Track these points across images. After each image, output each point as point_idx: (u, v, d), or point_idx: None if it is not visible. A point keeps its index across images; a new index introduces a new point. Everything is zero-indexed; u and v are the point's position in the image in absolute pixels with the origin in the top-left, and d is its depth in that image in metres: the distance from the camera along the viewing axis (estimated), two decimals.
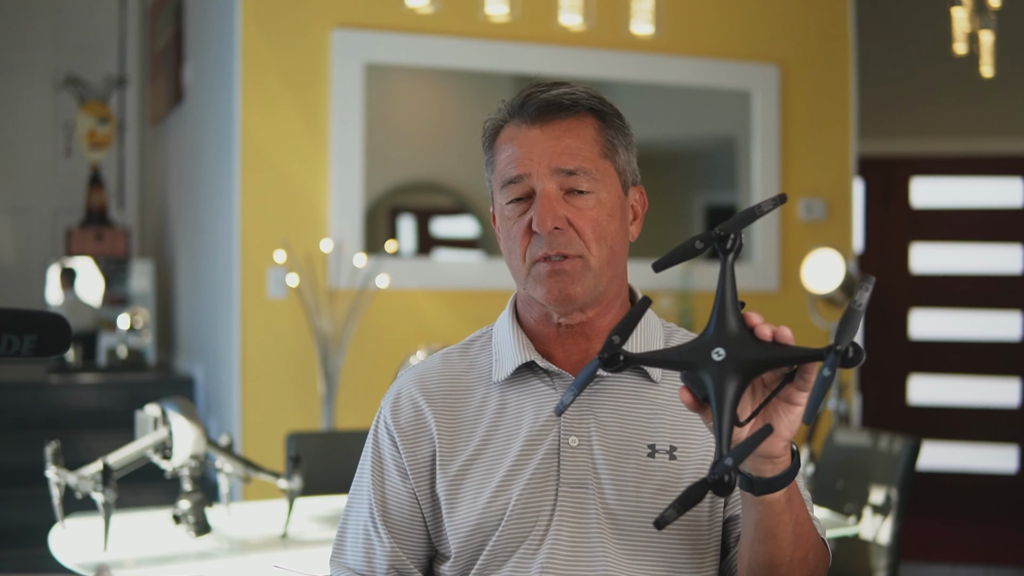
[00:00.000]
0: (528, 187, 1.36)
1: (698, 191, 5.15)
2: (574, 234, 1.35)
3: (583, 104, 1.39)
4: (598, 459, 1.35)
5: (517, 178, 1.37)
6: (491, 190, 1.44)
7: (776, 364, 1.11)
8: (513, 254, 1.38)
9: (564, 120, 1.38)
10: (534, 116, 1.38)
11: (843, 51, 4.99)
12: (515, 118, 1.40)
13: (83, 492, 2.32)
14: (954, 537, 5.68)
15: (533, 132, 1.37)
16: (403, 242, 4.68)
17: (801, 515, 1.25)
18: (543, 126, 1.37)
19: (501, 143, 1.40)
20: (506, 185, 1.38)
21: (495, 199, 1.42)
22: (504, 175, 1.38)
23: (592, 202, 1.36)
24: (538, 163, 1.36)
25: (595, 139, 1.38)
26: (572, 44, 4.47)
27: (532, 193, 1.36)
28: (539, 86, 1.40)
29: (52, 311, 1.26)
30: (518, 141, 1.38)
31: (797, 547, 1.24)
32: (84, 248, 5.74)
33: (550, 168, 1.35)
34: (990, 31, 3.45)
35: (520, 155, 1.37)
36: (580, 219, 1.35)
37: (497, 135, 1.41)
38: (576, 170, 1.36)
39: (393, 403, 1.45)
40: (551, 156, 1.36)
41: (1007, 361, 6.20)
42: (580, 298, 1.36)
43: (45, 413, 4.87)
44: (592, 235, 1.35)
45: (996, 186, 6.27)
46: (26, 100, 6.31)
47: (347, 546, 1.45)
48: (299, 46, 4.21)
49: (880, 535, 3.08)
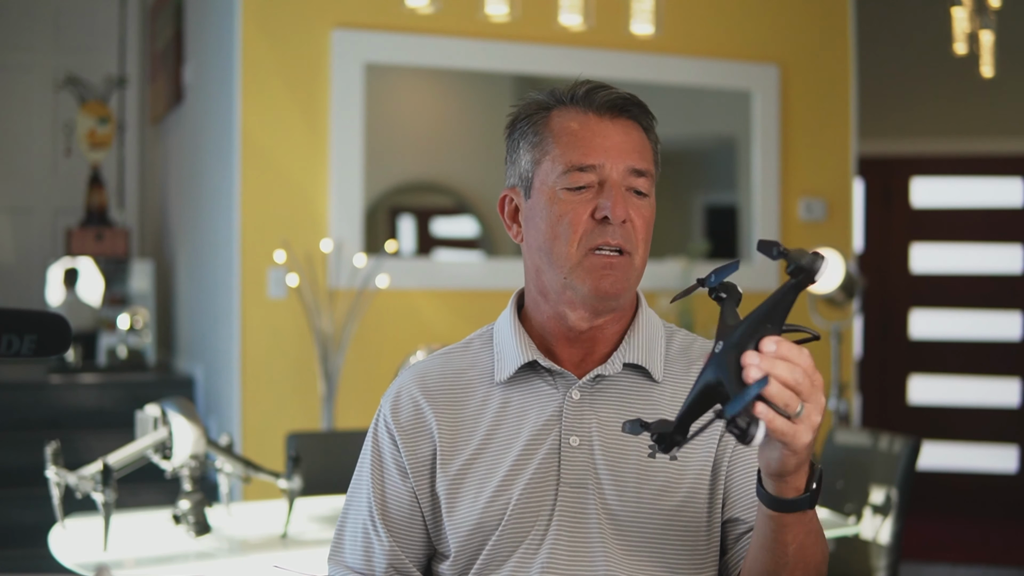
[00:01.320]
0: (597, 176, 1.34)
1: (698, 191, 5.15)
2: (632, 230, 1.34)
3: (642, 110, 1.39)
4: (598, 459, 1.35)
5: (589, 166, 1.34)
6: (525, 172, 1.39)
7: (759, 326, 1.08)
8: (560, 240, 1.34)
9: (629, 120, 1.37)
10: (603, 109, 1.36)
11: (843, 51, 4.99)
12: (578, 105, 1.37)
13: (83, 492, 2.32)
14: (954, 537, 5.68)
15: (604, 124, 1.36)
16: (403, 242, 4.68)
17: (813, 525, 1.22)
18: (613, 120, 1.36)
19: (561, 126, 1.36)
20: (573, 169, 1.34)
21: (540, 181, 1.37)
22: (572, 159, 1.34)
23: (647, 205, 1.37)
24: (614, 155, 1.34)
25: (650, 146, 1.39)
26: (572, 44, 4.47)
27: (595, 183, 1.34)
28: (592, 82, 1.39)
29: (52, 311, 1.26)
30: (589, 129, 1.35)
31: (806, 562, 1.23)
32: (84, 248, 5.74)
33: (624, 164, 1.34)
34: (990, 31, 3.44)
35: (594, 143, 1.35)
36: (638, 218, 1.35)
37: (547, 118, 1.38)
38: (645, 171, 1.36)
39: (393, 401, 1.44)
40: (625, 152, 1.35)
41: (1007, 361, 6.20)
42: (622, 295, 1.35)
43: (45, 413, 4.87)
44: (643, 236, 1.36)
45: (996, 186, 6.27)
46: (26, 100, 6.31)
47: (346, 545, 1.44)
48: (299, 46, 4.21)
49: (880, 535, 3.08)
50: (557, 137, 1.36)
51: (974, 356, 6.25)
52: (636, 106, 1.38)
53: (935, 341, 6.31)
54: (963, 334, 6.29)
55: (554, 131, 1.37)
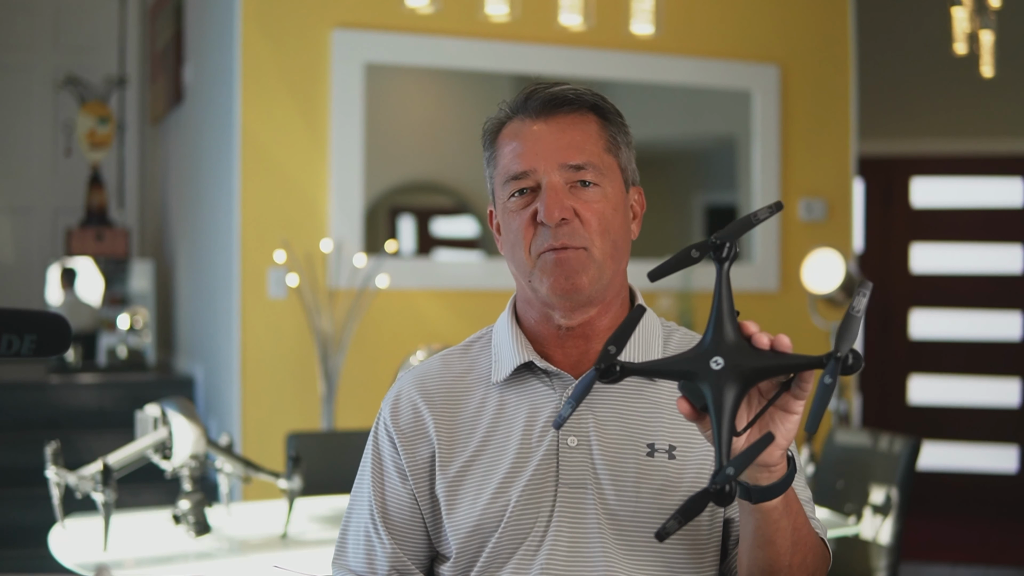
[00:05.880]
0: (533, 181, 1.36)
1: (698, 191, 5.15)
2: (579, 225, 1.34)
3: (586, 100, 1.39)
4: (597, 459, 1.35)
5: (522, 173, 1.36)
6: (491, 188, 1.43)
7: (775, 372, 1.09)
8: (516, 248, 1.37)
9: (568, 115, 1.38)
10: (538, 111, 1.38)
11: (843, 51, 4.99)
12: (518, 114, 1.39)
13: (83, 492, 2.32)
14: (954, 537, 5.68)
15: (538, 127, 1.37)
16: (403, 242, 4.68)
17: (799, 519, 1.24)
18: (547, 120, 1.37)
19: (504, 139, 1.40)
20: (510, 180, 1.37)
21: (496, 196, 1.41)
22: (509, 170, 1.37)
23: (598, 195, 1.36)
24: (544, 157, 1.35)
25: (599, 134, 1.38)
26: (572, 44, 4.47)
27: (537, 187, 1.36)
28: (540, 84, 1.40)
29: (52, 311, 1.26)
30: (522, 136, 1.37)
31: (795, 551, 1.24)
32: (84, 248, 5.74)
33: (557, 162, 1.35)
34: (990, 31, 3.44)
35: (524, 149, 1.36)
36: (586, 211, 1.35)
37: (499, 132, 1.41)
38: (583, 164, 1.36)
39: (393, 405, 1.45)
40: (557, 150, 1.35)
41: (1007, 361, 6.20)
42: (586, 289, 1.35)
43: (45, 413, 4.87)
44: (597, 227, 1.35)
45: (996, 186, 6.27)
46: (26, 100, 6.31)
47: (348, 548, 1.45)
48: (299, 46, 4.21)
49: (880, 535, 3.08)
50: (500, 151, 1.40)
51: (974, 356, 6.25)
52: (573, 99, 1.38)
53: (935, 341, 6.31)
54: (963, 334, 6.29)
55: (499, 145, 1.40)
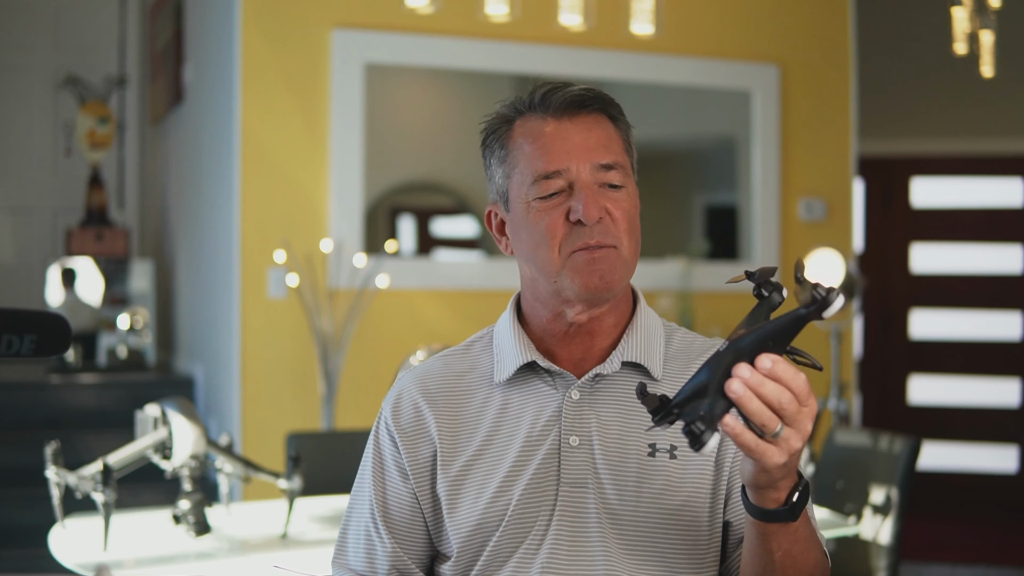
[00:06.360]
0: (565, 180, 1.34)
1: (698, 191, 5.15)
2: (611, 224, 1.34)
3: (604, 101, 1.39)
4: (598, 458, 1.35)
5: (554, 172, 1.34)
6: (502, 188, 1.40)
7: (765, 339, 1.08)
8: (541, 247, 1.35)
9: (589, 115, 1.37)
10: (560, 110, 1.36)
11: (843, 51, 4.99)
12: (535, 112, 1.37)
13: (83, 492, 2.32)
14: (954, 537, 5.68)
15: (563, 126, 1.36)
16: (403, 242, 4.68)
17: (800, 534, 1.22)
18: (572, 119, 1.36)
19: (521, 138, 1.37)
20: (540, 179, 1.35)
21: (513, 195, 1.38)
22: (536, 169, 1.35)
23: (624, 195, 1.36)
24: (576, 157, 1.34)
25: (617, 135, 1.39)
26: (572, 44, 4.47)
27: (565, 187, 1.35)
28: (551, 84, 1.39)
29: (52, 311, 1.26)
30: (547, 136, 1.36)
31: (798, 569, 1.23)
32: (84, 248, 5.74)
33: (589, 162, 1.34)
34: (990, 31, 3.44)
35: (554, 148, 1.35)
36: (616, 210, 1.34)
37: (510, 131, 1.39)
38: (612, 164, 1.35)
39: (394, 404, 1.45)
40: (587, 150, 1.35)
41: (1007, 361, 6.20)
42: (617, 287, 1.35)
43: (45, 413, 4.87)
44: (626, 227, 1.35)
45: (996, 186, 6.27)
46: (26, 100, 6.32)
47: (349, 547, 1.45)
48: (299, 46, 4.21)
49: (880, 535, 3.08)
50: (521, 148, 1.37)
51: (974, 356, 6.25)
52: (595, 99, 1.38)
53: (935, 341, 6.31)
54: (963, 334, 6.29)
55: (518, 143, 1.38)
